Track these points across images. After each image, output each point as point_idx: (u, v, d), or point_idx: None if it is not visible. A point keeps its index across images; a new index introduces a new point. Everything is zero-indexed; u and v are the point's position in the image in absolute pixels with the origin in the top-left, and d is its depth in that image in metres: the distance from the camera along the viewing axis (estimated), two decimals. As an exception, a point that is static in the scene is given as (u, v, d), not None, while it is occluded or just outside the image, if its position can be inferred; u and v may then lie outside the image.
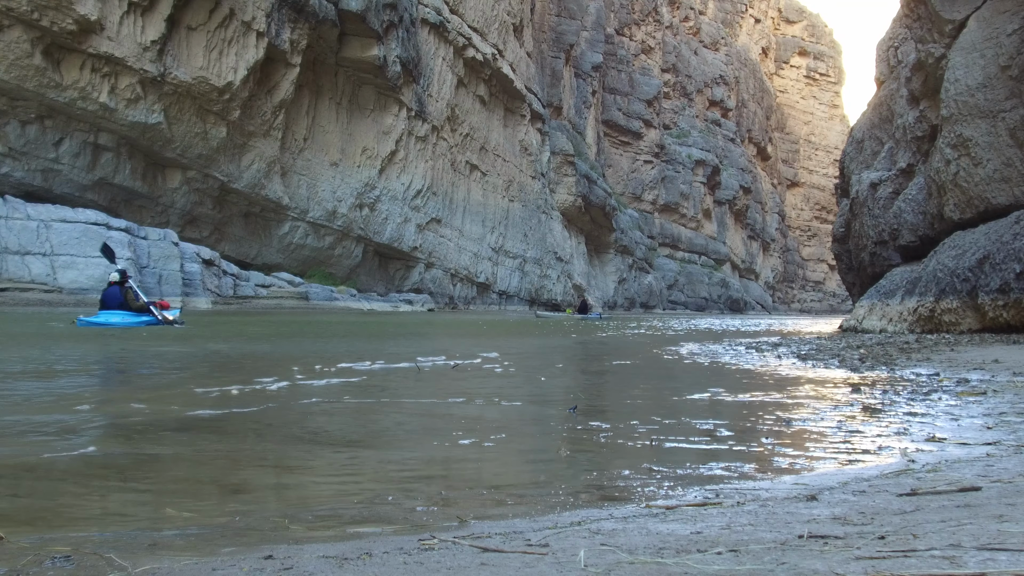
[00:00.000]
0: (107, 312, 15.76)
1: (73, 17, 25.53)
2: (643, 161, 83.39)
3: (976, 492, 2.68)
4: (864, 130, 29.08)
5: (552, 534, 2.29)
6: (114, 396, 5.91)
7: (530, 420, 5.17)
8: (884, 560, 1.82)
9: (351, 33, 36.24)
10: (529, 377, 8.09)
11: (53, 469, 3.29)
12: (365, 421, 4.90)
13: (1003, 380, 7.06)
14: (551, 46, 69.23)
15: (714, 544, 2.09)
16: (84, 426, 4.33)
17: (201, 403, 5.38)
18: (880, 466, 3.50)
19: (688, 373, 9.13)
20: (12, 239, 24.01)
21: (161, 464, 3.48)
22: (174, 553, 2.21)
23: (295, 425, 4.59)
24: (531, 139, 57.86)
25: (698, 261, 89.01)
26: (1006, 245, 14.65)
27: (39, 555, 2.15)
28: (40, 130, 27.26)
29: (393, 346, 12.41)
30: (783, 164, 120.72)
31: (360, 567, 1.97)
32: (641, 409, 5.64)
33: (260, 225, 36.10)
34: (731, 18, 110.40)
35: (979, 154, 16.49)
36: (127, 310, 15.90)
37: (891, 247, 22.63)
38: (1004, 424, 4.58)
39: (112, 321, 15.40)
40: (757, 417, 5.08)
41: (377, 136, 41.09)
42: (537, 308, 50.68)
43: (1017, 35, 15.72)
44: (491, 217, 52.74)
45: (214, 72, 30.25)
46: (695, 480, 3.25)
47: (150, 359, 9.25)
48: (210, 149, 31.58)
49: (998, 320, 14.61)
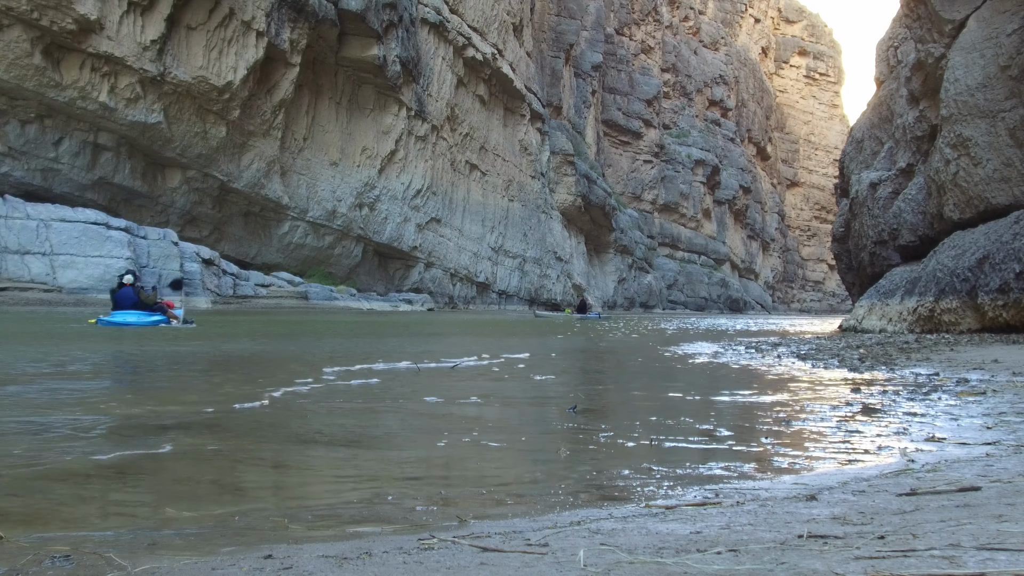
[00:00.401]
0: (122, 312, 16.05)
1: (73, 16, 25.52)
2: (643, 161, 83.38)
3: (976, 492, 2.68)
4: (864, 130, 29.08)
5: (552, 534, 2.29)
6: (141, 398, 5.91)
7: (530, 420, 5.17)
8: (884, 560, 1.82)
9: (351, 33, 36.23)
10: (528, 377, 8.09)
11: (53, 469, 3.29)
12: (364, 421, 4.90)
13: (1003, 380, 7.06)
14: (551, 46, 69.22)
15: (714, 544, 2.09)
16: (90, 427, 4.33)
17: (209, 403, 5.38)
18: (880, 466, 3.50)
19: (688, 373, 9.13)
20: (12, 238, 24.00)
21: (160, 463, 3.48)
22: (174, 553, 2.21)
23: (294, 424, 4.59)
24: (531, 139, 57.85)
25: (698, 261, 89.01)
26: (1006, 245, 14.65)
27: (39, 554, 2.15)
28: (40, 129, 27.24)
29: (409, 345, 12.41)
30: (783, 164, 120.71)
31: (360, 567, 1.97)
32: (641, 409, 5.64)
33: (260, 225, 36.09)
34: (731, 18, 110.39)
35: (979, 154, 16.49)
36: (141, 309, 16.21)
37: (891, 247, 22.64)
38: (1004, 424, 4.58)
39: (129, 320, 15.70)
40: (757, 417, 5.08)
41: (377, 136, 41.08)
42: (536, 308, 50.65)
43: (1017, 35, 15.72)
44: (491, 217, 52.74)
45: (214, 72, 30.24)
46: (695, 480, 3.25)
47: (182, 359, 9.25)
48: (210, 149, 31.56)
49: (998, 320, 14.61)
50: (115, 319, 15.70)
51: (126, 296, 16.28)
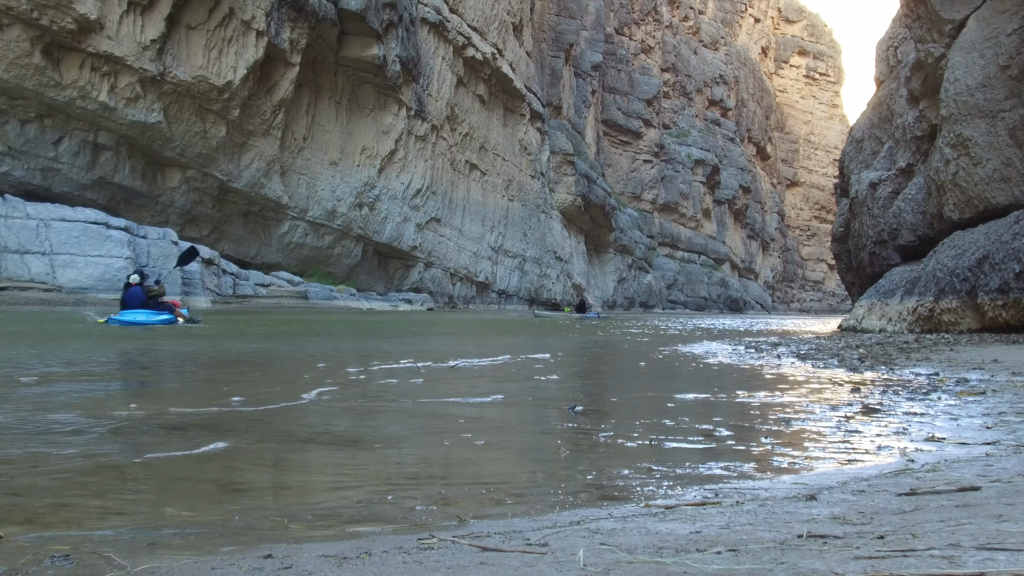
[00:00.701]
0: (131, 311, 16.39)
1: (73, 16, 25.52)
2: (642, 160, 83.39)
3: (975, 492, 2.68)
4: (864, 130, 29.09)
5: (551, 533, 2.29)
6: (155, 397, 5.90)
7: (529, 419, 5.17)
8: (883, 560, 1.82)
9: (351, 32, 36.23)
10: (528, 376, 8.09)
11: (53, 468, 3.28)
12: (364, 420, 4.90)
13: (1002, 380, 7.06)
14: (551, 45, 69.21)
15: (713, 544, 2.09)
16: (92, 427, 4.33)
17: (205, 402, 5.38)
18: (879, 466, 3.50)
19: (687, 372, 9.13)
20: (11, 238, 24.00)
21: (160, 462, 3.48)
22: (173, 552, 2.21)
23: (294, 423, 4.59)
24: (531, 138, 57.84)
25: (697, 261, 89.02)
26: (1005, 245, 14.65)
27: (38, 554, 2.15)
28: (39, 129, 27.24)
29: (410, 344, 12.41)
30: (782, 164, 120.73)
31: (359, 566, 1.97)
32: (640, 408, 5.64)
33: (259, 224, 36.09)
34: (731, 17, 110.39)
35: (979, 154, 16.49)
36: (149, 309, 16.61)
37: (890, 247, 22.64)
38: (1003, 424, 4.58)
39: (138, 319, 16.06)
40: (756, 417, 5.08)
41: (376, 135, 41.07)
42: (536, 307, 50.63)
43: (1017, 35, 15.72)
44: (490, 216, 52.74)
45: (214, 71, 30.24)
46: (694, 480, 3.25)
47: (192, 358, 9.24)
48: (209, 148, 31.57)
49: (997, 320, 14.62)
50: (124, 318, 15.99)
51: (135, 296, 16.67)
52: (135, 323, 15.84)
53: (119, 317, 16.11)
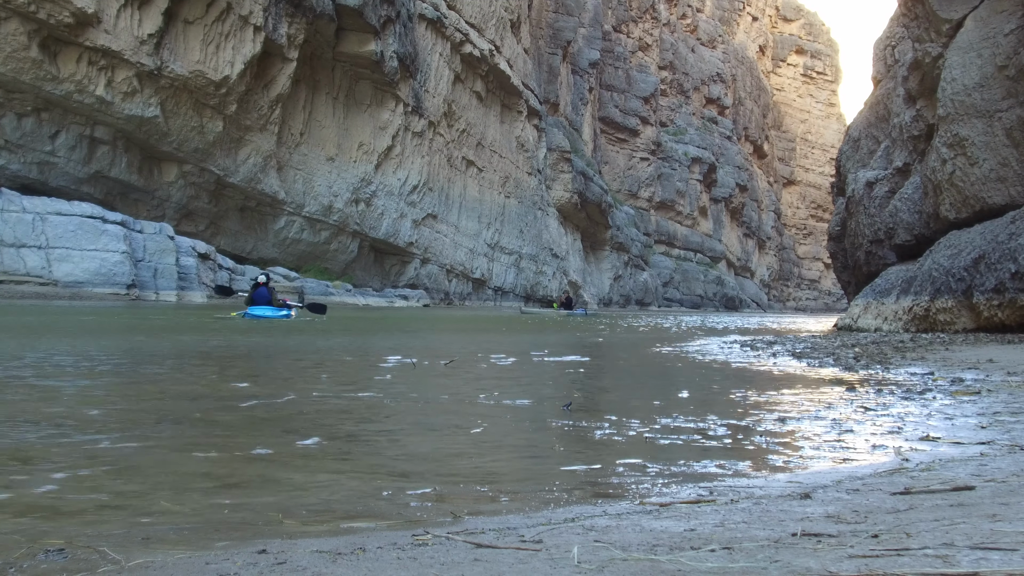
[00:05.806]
0: (259, 307, 18.62)
1: (70, 10, 25.44)
2: (639, 158, 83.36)
3: (970, 491, 2.68)
4: (861, 129, 29.12)
5: (546, 530, 2.29)
6: (146, 390, 5.89)
7: (524, 417, 5.17)
8: (877, 559, 1.83)
9: (348, 28, 36.16)
10: (523, 374, 8.09)
11: (49, 461, 3.28)
12: (358, 416, 4.90)
13: (997, 380, 7.08)
14: (548, 42, 69.11)
15: (708, 541, 2.09)
16: (96, 421, 4.32)
17: (206, 398, 5.37)
18: (874, 465, 3.50)
19: (683, 371, 9.14)
20: (8, 232, 23.93)
21: (155, 457, 3.48)
22: (168, 547, 2.21)
23: (290, 419, 4.59)
24: (528, 135, 57.81)
25: (694, 258, 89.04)
26: (1001, 245, 14.67)
27: (33, 548, 2.14)
28: (36, 123, 27.17)
29: (411, 340, 12.40)
30: (779, 162, 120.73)
31: (354, 562, 1.97)
32: (635, 406, 5.64)
33: (256, 219, 36.04)
34: (728, 16, 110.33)
35: (975, 154, 16.51)
36: (273, 306, 18.97)
37: (887, 246, 22.67)
38: (998, 424, 4.59)
39: (266, 314, 18.29)
40: (751, 415, 5.09)
41: (373, 131, 41.02)
42: (525, 304, 50.48)
43: (1014, 35, 15.73)
44: (487, 213, 52.71)
45: (211, 66, 30.17)
46: (689, 477, 3.25)
47: (187, 353, 9.24)
48: (206, 143, 31.51)
49: (993, 320, 14.64)
50: (255, 312, 18.20)
51: (262, 295, 19.09)
52: (264, 317, 18.02)
53: (251, 311, 18.30)
